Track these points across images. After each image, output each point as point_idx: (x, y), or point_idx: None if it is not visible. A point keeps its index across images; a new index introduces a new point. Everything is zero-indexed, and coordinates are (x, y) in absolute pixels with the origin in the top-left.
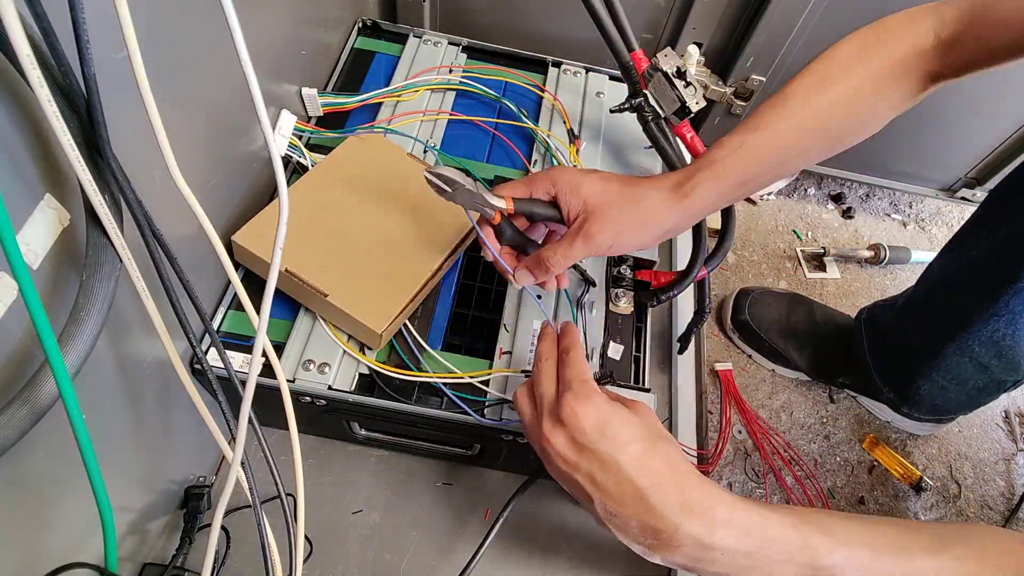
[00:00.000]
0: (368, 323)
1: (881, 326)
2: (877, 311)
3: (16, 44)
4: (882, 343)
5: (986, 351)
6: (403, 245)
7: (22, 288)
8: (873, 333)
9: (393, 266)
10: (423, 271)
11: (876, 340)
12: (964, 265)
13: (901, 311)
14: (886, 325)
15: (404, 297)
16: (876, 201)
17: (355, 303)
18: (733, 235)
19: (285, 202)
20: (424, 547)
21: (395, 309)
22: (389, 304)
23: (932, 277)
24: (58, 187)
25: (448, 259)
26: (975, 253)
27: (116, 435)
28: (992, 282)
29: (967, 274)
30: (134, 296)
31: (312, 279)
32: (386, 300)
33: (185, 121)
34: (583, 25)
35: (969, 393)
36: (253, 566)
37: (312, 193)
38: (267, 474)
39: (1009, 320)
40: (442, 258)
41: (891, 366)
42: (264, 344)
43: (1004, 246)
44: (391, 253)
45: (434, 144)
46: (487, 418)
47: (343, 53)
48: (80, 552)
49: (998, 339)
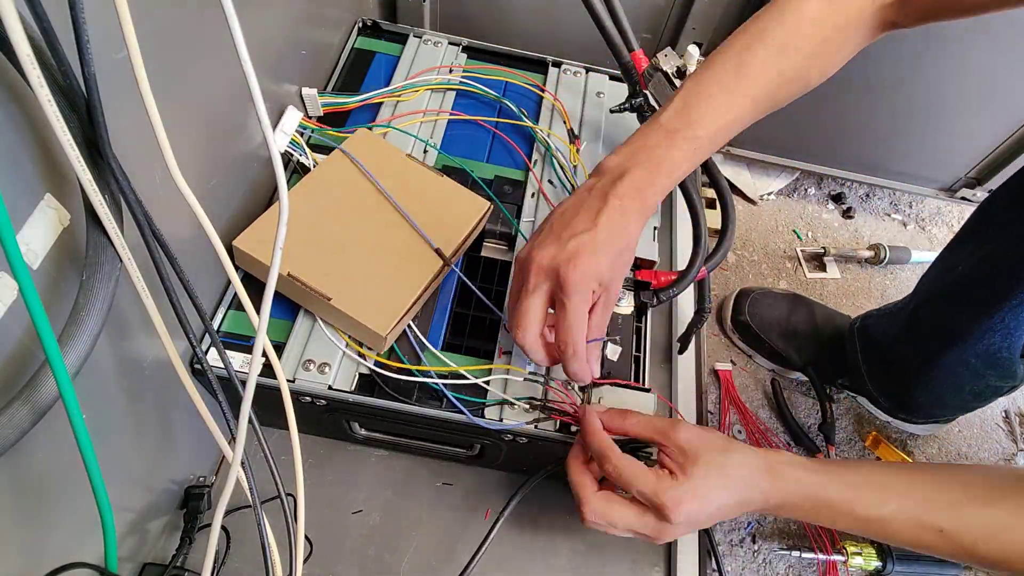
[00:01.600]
0: (372, 326)
1: (874, 337)
2: (870, 321)
3: (16, 44)
4: (876, 353)
5: (982, 363)
6: (406, 246)
7: (22, 288)
8: (867, 344)
9: (396, 268)
10: (426, 272)
11: (870, 350)
12: (956, 279)
13: (894, 322)
14: (879, 336)
15: (408, 299)
16: (876, 201)
17: (359, 306)
18: (733, 235)
19: (285, 204)
20: (424, 547)
21: (399, 311)
22: (393, 306)
23: (925, 290)
24: (58, 187)
25: (451, 259)
26: (964, 269)
27: (116, 435)
28: (985, 298)
29: (959, 289)
30: (134, 296)
31: (315, 283)
32: (390, 302)
33: (185, 121)
34: (583, 25)
35: (965, 399)
36: (253, 566)
37: (313, 194)
38: (267, 474)
39: (1005, 334)
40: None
41: (886, 376)
42: (264, 344)
43: (991, 263)
44: (393, 254)
45: (434, 144)
46: (487, 419)
47: (343, 53)
48: (80, 552)
49: (994, 351)
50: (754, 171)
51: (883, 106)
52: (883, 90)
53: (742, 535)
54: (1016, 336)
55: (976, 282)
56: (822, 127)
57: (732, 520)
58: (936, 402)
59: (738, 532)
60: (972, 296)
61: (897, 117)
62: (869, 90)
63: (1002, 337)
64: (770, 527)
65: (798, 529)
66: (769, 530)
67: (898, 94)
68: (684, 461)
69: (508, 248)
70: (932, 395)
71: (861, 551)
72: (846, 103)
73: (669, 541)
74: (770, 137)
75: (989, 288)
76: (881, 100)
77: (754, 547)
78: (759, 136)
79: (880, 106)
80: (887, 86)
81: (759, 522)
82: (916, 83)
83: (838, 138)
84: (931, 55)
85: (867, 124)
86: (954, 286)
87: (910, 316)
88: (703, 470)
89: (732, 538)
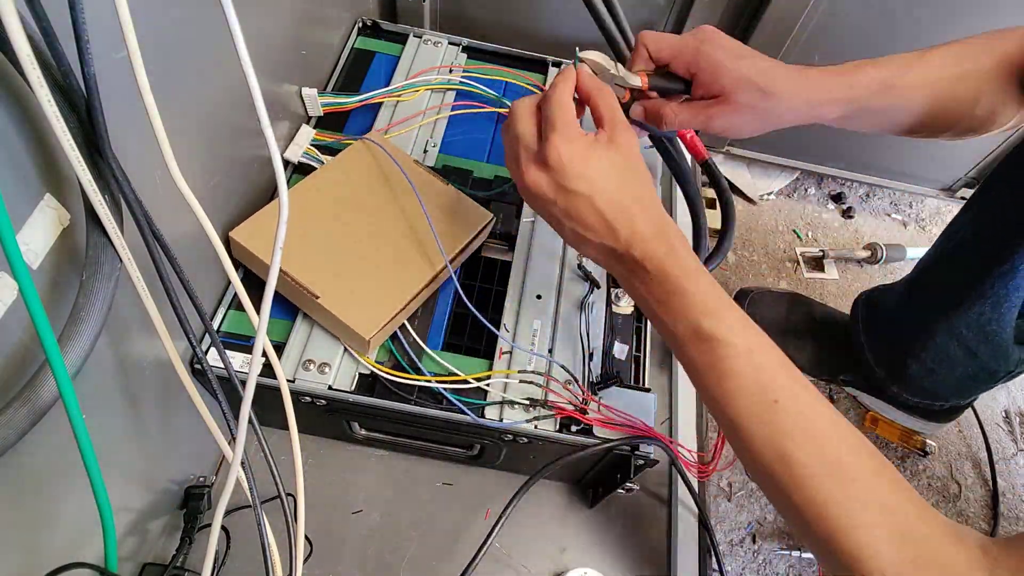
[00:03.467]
0: (357, 328)
1: (876, 306)
2: (875, 293)
3: (16, 44)
4: (876, 322)
5: (973, 335)
6: (402, 252)
7: (22, 288)
8: (868, 313)
9: (389, 272)
10: (418, 280)
11: (870, 320)
12: (953, 246)
13: (896, 293)
14: (881, 305)
15: (396, 304)
16: (876, 201)
17: (345, 307)
18: (733, 235)
19: (285, 203)
20: (424, 547)
21: (385, 316)
22: (380, 310)
23: (925, 260)
24: (58, 187)
25: (446, 269)
26: (962, 235)
27: (116, 435)
28: (977, 264)
29: (955, 255)
30: (134, 296)
31: (305, 280)
32: (377, 306)
33: (185, 121)
34: (583, 25)
35: (959, 379)
36: (253, 566)
37: (314, 194)
38: (267, 474)
39: (994, 303)
40: (439, 268)
41: (883, 345)
42: (264, 344)
43: (988, 229)
44: (388, 259)
45: (434, 144)
46: (487, 418)
47: (343, 53)
48: (80, 552)
49: (984, 323)
50: (754, 171)
51: None
52: None
53: (742, 535)
54: (1005, 308)
55: (969, 250)
56: (822, 127)
57: (732, 520)
58: (928, 375)
59: (738, 532)
60: (964, 263)
61: None
62: None
63: (991, 307)
64: (770, 527)
65: None
66: (769, 530)
67: None
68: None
69: (508, 248)
70: (925, 367)
71: None
72: None
73: (519, 183)
74: (770, 137)
75: (979, 256)
76: None
77: (754, 547)
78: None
79: None
80: None
81: (759, 522)
82: None
83: (838, 138)
84: None
85: None
86: (950, 254)
87: (910, 283)
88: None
89: (732, 538)
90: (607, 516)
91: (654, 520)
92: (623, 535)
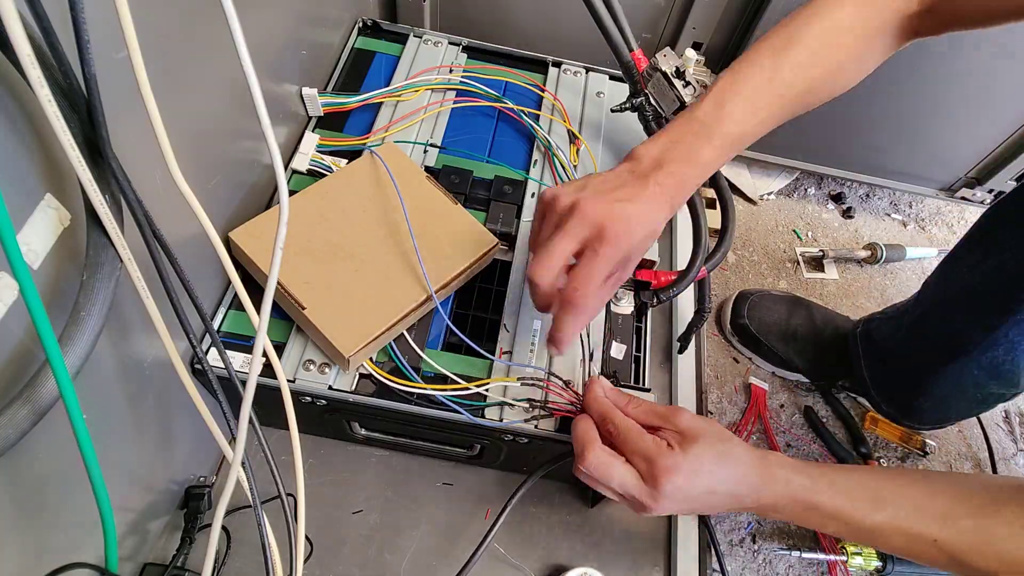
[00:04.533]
0: (337, 344)
1: (877, 343)
2: (872, 326)
3: (16, 44)
4: (879, 360)
5: (985, 374)
6: (397, 271)
7: (22, 288)
8: (870, 350)
9: (380, 290)
10: (407, 301)
11: (873, 357)
12: (960, 289)
13: (897, 328)
14: (882, 343)
15: (381, 324)
16: (876, 201)
17: (330, 321)
18: (733, 235)
19: (285, 204)
20: (424, 547)
21: (368, 335)
22: (364, 328)
23: (929, 298)
24: (58, 187)
25: (439, 292)
26: (969, 279)
27: (116, 435)
28: (988, 312)
29: (964, 299)
30: (134, 296)
31: (294, 289)
32: (362, 324)
33: (186, 121)
34: (583, 25)
35: (968, 404)
36: (253, 566)
37: (316, 202)
38: (267, 474)
39: (1008, 348)
40: (430, 291)
41: (889, 384)
42: (264, 344)
43: (994, 278)
44: (382, 277)
45: (434, 144)
46: (487, 419)
47: (343, 53)
48: (80, 552)
49: (998, 364)
50: (754, 171)
51: (883, 106)
52: (883, 90)
53: (742, 535)
54: (1020, 349)
55: (981, 294)
56: (822, 127)
57: (732, 520)
58: (940, 406)
59: (738, 532)
60: (977, 308)
61: (897, 117)
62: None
63: (1005, 351)
64: (770, 527)
65: (798, 529)
66: (769, 530)
67: (898, 94)
68: (683, 440)
69: (508, 248)
70: (936, 402)
71: (861, 551)
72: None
73: (652, 514)
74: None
75: (994, 301)
76: (881, 100)
77: (754, 547)
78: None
79: (880, 106)
80: (887, 86)
81: (759, 522)
82: (916, 83)
83: (838, 138)
84: (931, 55)
85: (867, 124)
86: (959, 296)
87: (914, 324)
88: (700, 450)
89: (732, 538)
90: (607, 516)
91: (654, 520)
92: (623, 535)
